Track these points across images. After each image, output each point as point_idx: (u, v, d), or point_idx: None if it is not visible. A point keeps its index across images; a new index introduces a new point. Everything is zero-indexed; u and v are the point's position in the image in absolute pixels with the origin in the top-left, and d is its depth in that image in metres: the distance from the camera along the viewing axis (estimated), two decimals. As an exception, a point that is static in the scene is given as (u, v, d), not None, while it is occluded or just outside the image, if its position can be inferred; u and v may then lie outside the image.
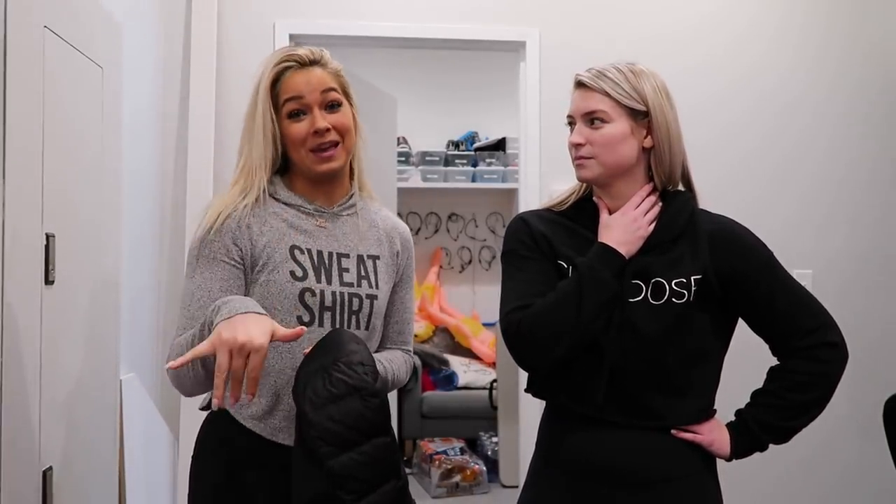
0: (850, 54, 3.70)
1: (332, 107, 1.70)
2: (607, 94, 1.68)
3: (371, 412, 1.53)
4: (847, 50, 3.70)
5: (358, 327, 1.73)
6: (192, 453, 1.76)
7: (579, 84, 1.73)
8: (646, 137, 1.71)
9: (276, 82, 1.69)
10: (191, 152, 3.27)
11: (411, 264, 1.89)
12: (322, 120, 1.67)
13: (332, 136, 1.68)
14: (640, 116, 1.69)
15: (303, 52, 1.70)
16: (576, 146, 1.71)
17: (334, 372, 1.52)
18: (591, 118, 1.69)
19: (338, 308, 1.69)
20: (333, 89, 1.70)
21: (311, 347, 1.62)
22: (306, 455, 1.51)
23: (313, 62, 1.70)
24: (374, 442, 1.53)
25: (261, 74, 1.70)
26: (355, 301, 1.72)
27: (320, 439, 1.49)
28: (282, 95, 1.67)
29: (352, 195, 1.79)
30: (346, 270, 1.72)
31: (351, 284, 1.72)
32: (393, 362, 1.79)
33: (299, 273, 1.67)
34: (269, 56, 1.74)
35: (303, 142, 1.68)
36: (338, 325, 1.70)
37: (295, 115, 1.68)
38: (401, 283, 1.85)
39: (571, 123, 1.75)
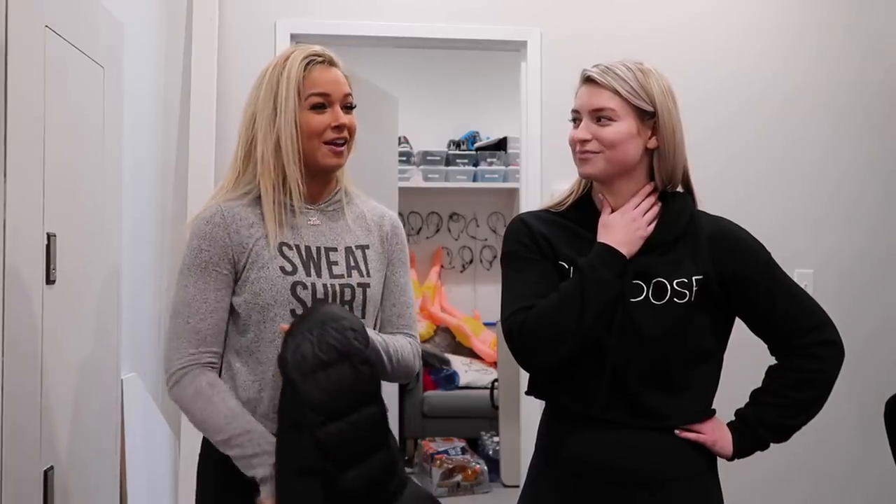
0: (849, 51, 3.69)
1: (349, 108, 1.78)
2: (616, 92, 1.67)
3: (361, 380, 1.50)
4: (845, 46, 3.69)
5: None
6: (198, 452, 1.78)
7: (587, 79, 1.71)
8: (650, 138, 1.70)
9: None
10: (192, 151, 3.27)
11: (403, 248, 1.90)
12: (343, 117, 1.75)
13: (345, 134, 1.76)
14: (647, 117, 1.69)
15: (323, 50, 1.77)
16: (581, 142, 1.70)
17: (324, 337, 1.50)
18: (599, 115, 1.68)
19: (330, 300, 1.72)
20: (350, 94, 1.79)
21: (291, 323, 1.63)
22: (293, 424, 1.49)
23: (333, 63, 1.78)
24: (362, 412, 1.50)
25: (283, 67, 1.73)
26: (347, 291, 1.75)
27: (308, 407, 1.47)
28: (307, 88, 1.73)
29: (337, 191, 1.84)
30: (336, 263, 1.76)
31: (341, 276, 1.75)
32: (395, 340, 1.79)
33: (288, 268, 1.71)
34: (286, 51, 1.78)
35: (320, 133, 1.73)
36: None
37: (319, 107, 1.73)
38: (391, 266, 1.87)
39: (576, 119, 1.73)
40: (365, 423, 1.50)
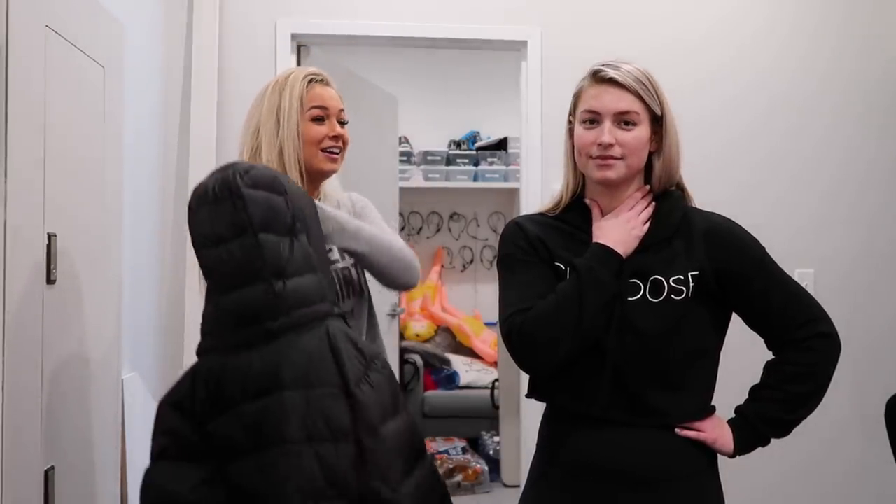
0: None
1: (343, 123, 2.05)
2: (639, 96, 1.67)
3: (237, 214, 1.57)
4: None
5: (353, 294, 2.02)
6: None
7: (609, 80, 1.68)
8: (652, 142, 1.71)
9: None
10: (192, 151, 3.27)
11: (371, 210, 2.13)
12: (339, 128, 2.03)
13: (341, 143, 2.02)
14: (656, 121, 1.70)
15: (320, 71, 2.04)
16: (607, 146, 1.66)
17: (223, 177, 1.60)
18: (623, 119, 1.67)
19: (337, 285, 1.94)
20: (343, 110, 2.05)
21: None
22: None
23: (329, 83, 2.04)
24: (237, 241, 1.57)
25: (284, 84, 1.98)
26: (347, 273, 2.01)
27: (197, 231, 1.60)
28: (309, 102, 1.98)
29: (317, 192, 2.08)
30: (330, 250, 1.95)
31: (336, 261, 1.99)
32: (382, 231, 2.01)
33: None
34: (286, 71, 2.05)
35: (319, 142, 1.98)
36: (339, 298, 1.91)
37: (319, 119, 1.99)
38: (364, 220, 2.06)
39: (593, 121, 1.69)
40: (238, 251, 1.56)
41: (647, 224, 1.70)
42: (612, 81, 1.68)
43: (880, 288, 3.67)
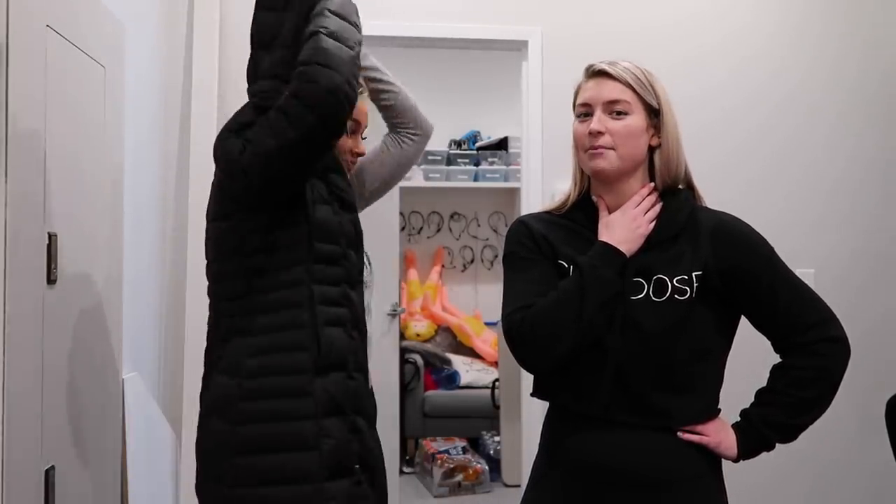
0: (848, 48, 3.70)
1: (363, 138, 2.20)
2: (629, 86, 1.68)
3: None
4: (844, 44, 3.71)
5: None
6: None
7: (600, 73, 1.70)
8: (653, 136, 1.71)
9: None
10: (193, 151, 3.27)
11: None
12: (362, 146, 2.11)
13: (356, 160, 2.12)
14: (653, 114, 1.70)
15: (362, 82, 2.13)
16: (596, 134, 1.67)
17: None
18: (613, 108, 1.68)
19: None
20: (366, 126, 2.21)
21: None
22: None
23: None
24: None
25: None
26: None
27: None
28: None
29: None
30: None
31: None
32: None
33: None
34: None
35: (343, 152, 2.02)
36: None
37: (351, 131, 2.07)
38: None
39: (586, 113, 1.71)
40: None
41: (653, 223, 1.70)
42: (603, 73, 1.70)
43: (880, 287, 3.68)
